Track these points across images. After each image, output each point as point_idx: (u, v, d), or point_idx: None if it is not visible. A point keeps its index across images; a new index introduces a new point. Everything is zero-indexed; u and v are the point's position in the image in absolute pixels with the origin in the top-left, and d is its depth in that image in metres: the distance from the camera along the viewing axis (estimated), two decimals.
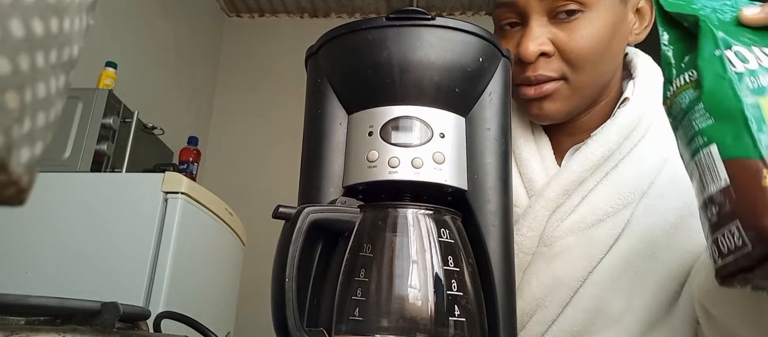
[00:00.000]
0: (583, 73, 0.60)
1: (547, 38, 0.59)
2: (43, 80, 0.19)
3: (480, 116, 0.48)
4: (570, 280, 0.58)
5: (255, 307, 1.79)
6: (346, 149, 0.47)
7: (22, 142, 0.18)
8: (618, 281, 0.58)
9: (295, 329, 0.39)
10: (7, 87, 0.17)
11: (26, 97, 0.18)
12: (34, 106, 0.18)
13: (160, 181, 1.33)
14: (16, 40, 0.17)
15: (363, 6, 3.04)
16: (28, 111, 0.18)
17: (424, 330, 0.41)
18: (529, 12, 0.60)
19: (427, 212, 0.45)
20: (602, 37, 0.60)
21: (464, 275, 0.44)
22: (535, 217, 0.61)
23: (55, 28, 0.19)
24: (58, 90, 0.20)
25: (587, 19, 0.59)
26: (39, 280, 1.24)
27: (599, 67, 0.62)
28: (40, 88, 0.18)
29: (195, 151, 2.23)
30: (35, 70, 0.18)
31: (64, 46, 0.20)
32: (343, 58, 0.49)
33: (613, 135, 0.62)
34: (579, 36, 0.59)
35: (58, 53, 0.19)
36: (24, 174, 0.18)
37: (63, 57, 0.20)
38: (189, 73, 2.68)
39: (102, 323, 0.41)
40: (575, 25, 0.59)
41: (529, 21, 0.60)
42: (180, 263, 1.30)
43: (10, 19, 0.17)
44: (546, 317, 0.58)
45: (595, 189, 0.61)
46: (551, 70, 0.60)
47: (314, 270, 0.46)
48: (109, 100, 1.54)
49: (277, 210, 0.42)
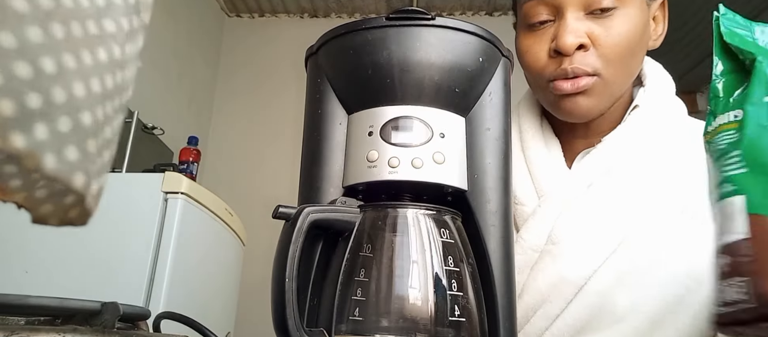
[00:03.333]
0: (615, 69, 0.61)
1: (584, 31, 0.60)
2: (110, 124, 0.23)
3: (480, 116, 0.48)
4: (575, 278, 0.59)
5: (255, 307, 1.78)
6: (346, 149, 0.47)
7: (95, 177, 0.22)
8: (623, 280, 0.59)
9: (295, 329, 0.39)
10: (89, 136, 0.21)
11: (99, 142, 0.22)
12: (102, 147, 0.22)
13: (160, 181, 1.33)
14: (96, 95, 0.21)
15: (363, 6, 3.04)
16: (99, 152, 0.22)
17: (424, 330, 0.41)
18: (565, 6, 0.61)
19: (427, 212, 0.45)
20: (634, 35, 0.61)
21: (464, 275, 0.44)
22: (544, 216, 0.63)
23: (120, 79, 0.23)
24: (117, 129, 0.24)
25: (622, 16, 0.60)
26: (39, 280, 1.24)
27: (630, 65, 0.63)
28: (107, 131, 0.23)
29: (195, 151, 2.23)
30: (106, 117, 0.22)
31: (123, 91, 0.24)
32: (343, 58, 0.49)
33: (623, 140, 0.63)
34: (615, 32, 0.60)
35: (120, 99, 0.23)
36: (93, 203, 0.23)
37: (123, 101, 0.24)
38: (189, 73, 2.67)
39: (102, 323, 0.41)
40: (610, 22, 0.60)
41: (565, 14, 0.61)
42: (180, 263, 1.30)
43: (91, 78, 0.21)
44: (550, 311, 0.59)
45: (604, 192, 0.62)
46: (587, 64, 0.60)
47: (314, 270, 0.46)
48: None
49: (277, 210, 0.42)
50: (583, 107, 0.62)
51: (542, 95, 0.66)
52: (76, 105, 0.20)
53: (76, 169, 0.21)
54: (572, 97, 0.62)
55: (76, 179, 0.21)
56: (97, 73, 0.21)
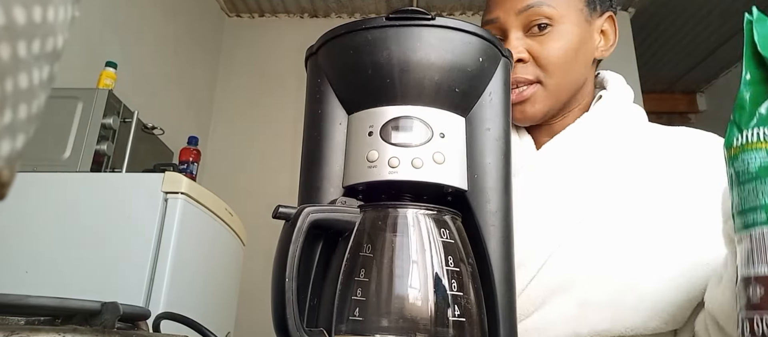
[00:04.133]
0: (554, 76, 0.72)
1: (524, 48, 0.72)
2: (26, 71, 0.18)
3: (480, 116, 0.48)
4: (543, 246, 0.66)
5: (255, 307, 1.78)
6: (346, 149, 0.47)
7: (3, 135, 0.17)
8: (588, 249, 0.65)
9: (295, 329, 0.39)
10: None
11: (7, 88, 0.17)
12: (15, 97, 0.18)
13: (160, 181, 1.32)
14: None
15: (363, 6, 3.04)
16: (9, 102, 0.17)
17: (424, 330, 0.41)
18: (508, 28, 0.73)
19: (427, 212, 0.45)
20: (569, 47, 0.72)
21: (464, 275, 0.44)
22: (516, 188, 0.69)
23: (38, 17, 0.18)
24: (41, 81, 0.19)
25: (557, 33, 0.72)
26: (39, 280, 1.24)
27: (569, 74, 0.74)
28: (22, 78, 0.18)
29: (195, 151, 2.22)
30: (17, 59, 0.17)
31: (47, 36, 0.19)
32: (343, 58, 0.49)
33: (586, 125, 0.74)
34: (550, 46, 0.71)
35: (41, 43, 0.19)
36: (4, 168, 0.18)
37: (46, 47, 0.19)
38: (189, 73, 2.67)
39: (102, 323, 0.41)
40: (547, 38, 0.72)
41: (509, 35, 0.73)
42: (180, 263, 1.30)
43: None
44: (527, 273, 0.66)
45: (566, 171, 0.71)
46: (527, 73, 0.72)
47: (314, 270, 0.46)
48: (109, 100, 1.54)
49: (277, 210, 0.42)
50: (530, 113, 0.74)
51: None
52: None
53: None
54: (519, 106, 0.73)
55: None
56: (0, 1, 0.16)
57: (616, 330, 0.61)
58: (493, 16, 0.74)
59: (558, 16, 0.71)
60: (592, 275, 0.64)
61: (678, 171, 0.69)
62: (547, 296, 0.65)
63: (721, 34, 2.97)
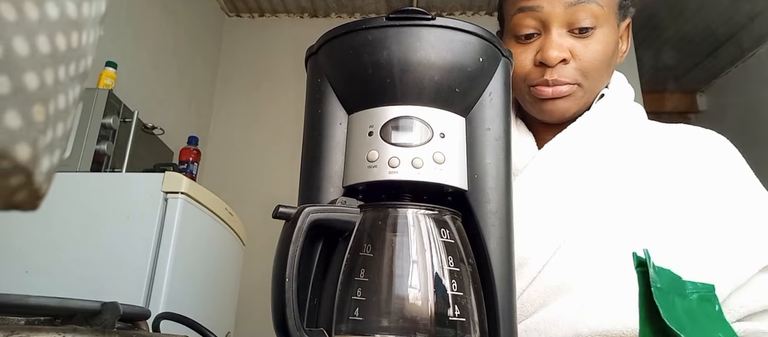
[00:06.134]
0: (591, 80, 0.71)
1: (567, 48, 0.69)
2: (64, 92, 0.20)
3: (480, 116, 0.48)
4: (544, 247, 0.66)
5: (255, 307, 1.78)
6: (346, 149, 0.47)
7: (45, 153, 0.19)
8: (590, 248, 0.65)
9: (295, 329, 0.39)
10: (35, 101, 0.18)
11: (50, 111, 0.19)
12: (55, 117, 0.19)
13: (160, 181, 1.32)
14: (43, 55, 0.18)
15: (363, 6, 3.04)
16: (51, 123, 0.19)
17: (424, 330, 0.41)
18: (551, 22, 0.69)
19: (427, 211, 0.45)
20: (608, 52, 0.71)
21: (464, 275, 0.44)
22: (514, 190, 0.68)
23: (75, 42, 0.20)
24: (74, 100, 0.21)
25: (599, 36, 0.70)
26: (39, 280, 1.23)
27: (603, 77, 0.73)
28: (61, 100, 0.19)
29: (195, 151, 2.22)
30: (58, 83, 0.19)
31: (81, 58, 0.21)
32: (343, 58, 0.49)
33: (588, 123, 0.73)
34: (592, 49, 0.70)
35: (76, 66, 0.20)
36: (44, 182, 0.20)
37: (80, 69, 0.21)
38: (189, 73, 2.67)
39: (102, 323, 0.41)
40: (589, 40, 0.70)
41: (551, 31, 0.69)
42: (180, 263, 1.30)
43: (37, 36, 0.18)
44: (528, 274, 0.66)
45: (568, 171, 0.70)
46: (566, 75, 0.70)
47: (314, 270, 0.46)
48: (109, 100, 1.54)
49: (277, 210, 0.42)
50: (561, 109, 0.72)
51: (522, 96, 0.75)
52: (16, 63, 0.17)
53: (18, 138, 0.17)
54: (552, 101, 0.71)
55: (19, 151, 0.18)
56: (45, 30, 0.18)
57: (616, 331, 0.61)
58: (535, 4, 0.69)
59: (603, 18, 0.69)
60: (594, 275, 0.63)
61: (678, 169, 0.70)
62: (548, 297, 0.64)
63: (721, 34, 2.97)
